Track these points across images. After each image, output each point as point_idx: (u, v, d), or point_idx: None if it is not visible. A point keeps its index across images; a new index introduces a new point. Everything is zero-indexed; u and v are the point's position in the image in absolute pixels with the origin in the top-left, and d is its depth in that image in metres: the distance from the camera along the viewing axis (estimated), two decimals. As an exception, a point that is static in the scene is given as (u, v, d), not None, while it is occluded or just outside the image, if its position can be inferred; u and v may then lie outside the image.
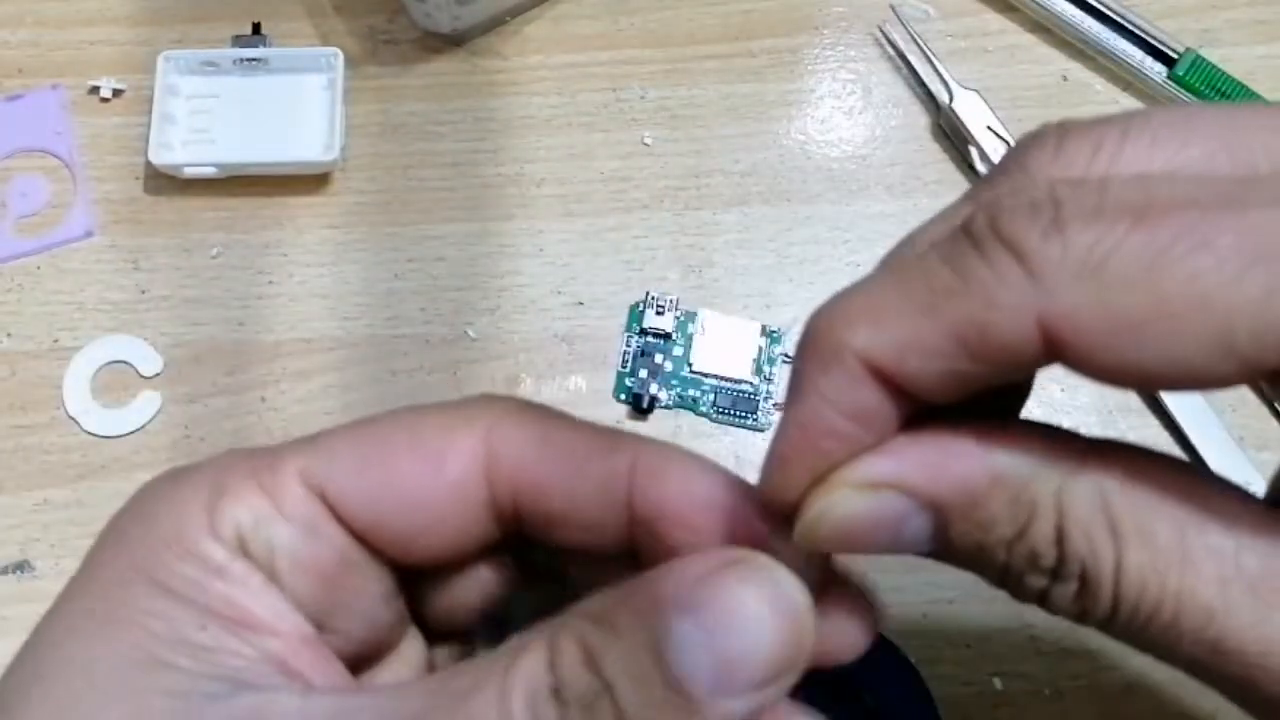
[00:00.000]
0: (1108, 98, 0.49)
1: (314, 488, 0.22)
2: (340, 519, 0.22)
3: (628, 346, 0.45)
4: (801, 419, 0.20)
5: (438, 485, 0.22)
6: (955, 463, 0.19)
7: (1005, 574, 0.20)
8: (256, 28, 0.48)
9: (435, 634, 0.26)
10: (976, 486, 0.19)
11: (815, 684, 0.37)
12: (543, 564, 0.25)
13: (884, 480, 0.20)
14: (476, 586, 0.25)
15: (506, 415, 0.23)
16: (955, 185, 0.47)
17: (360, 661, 0.24)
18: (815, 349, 0.20)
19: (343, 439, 0.22)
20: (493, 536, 0.23)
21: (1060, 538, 0.19)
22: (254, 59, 0.47)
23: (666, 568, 0.19)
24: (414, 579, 0.24)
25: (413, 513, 0.22)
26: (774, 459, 0.21)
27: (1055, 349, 0.18)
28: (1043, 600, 0.20)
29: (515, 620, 0.22)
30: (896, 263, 0.21)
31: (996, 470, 0.19)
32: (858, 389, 0.19)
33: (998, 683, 0.41)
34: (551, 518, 0.22)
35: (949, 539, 0.20)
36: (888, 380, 0.19)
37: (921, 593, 0.42)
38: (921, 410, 0.20)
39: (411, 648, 0.25)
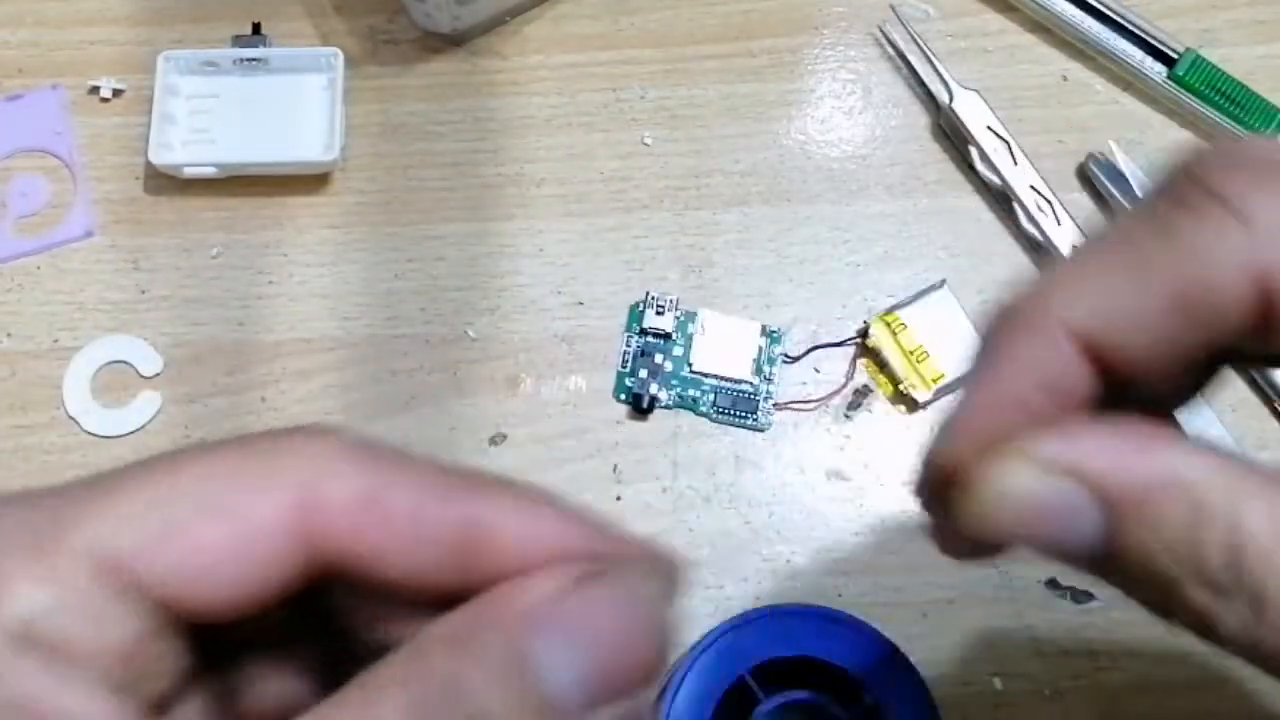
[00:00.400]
0: (1108, 98, 0.49)
1: (106, 563, 0.19)
2: (142, 589, 0.19)
3: (628, 346, 0.45)
4: (992, 386, 0.19)
5: (245, 558, 0.19)
6: (1137, 458, 0.18)
7: (1169, 591, 0.19)
8: (256, 28, 0.48)
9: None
10: (1155, 485, 0.18)
11: (817, 684, 0.37)
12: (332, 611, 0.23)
13: (1063, 463, 0.18)
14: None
15: (326, 468, 0.20)
16: (955, 185, 0.47)
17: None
18: (1017, 317, 0.18)
19: (137, 502, 0.19)
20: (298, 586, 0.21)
21: (1235, 554, 0.18)
22: (254, 59, 0.47)
23: (520, 583, 0.18)
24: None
25: (217, 586, 0.19)
26: (952, 425, 0.20)
27: (1272, 312, 0.17)
28: (1209, 626, 0.19)
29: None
30: (1097, 236, 0.20)
31: (1179, 471, 0.18)
32: (1058, 358, 0.18)
33: (998, 683, 0.41)
34: (387, 586, 0.20)
35: (1118, 543, 0.19)
36: (1091, 351, 0.18)
37: (921, 593, 0.42)
38: (1103, 401, 0.19)
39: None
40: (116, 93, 0.48)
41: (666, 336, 0.45)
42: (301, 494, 0.19)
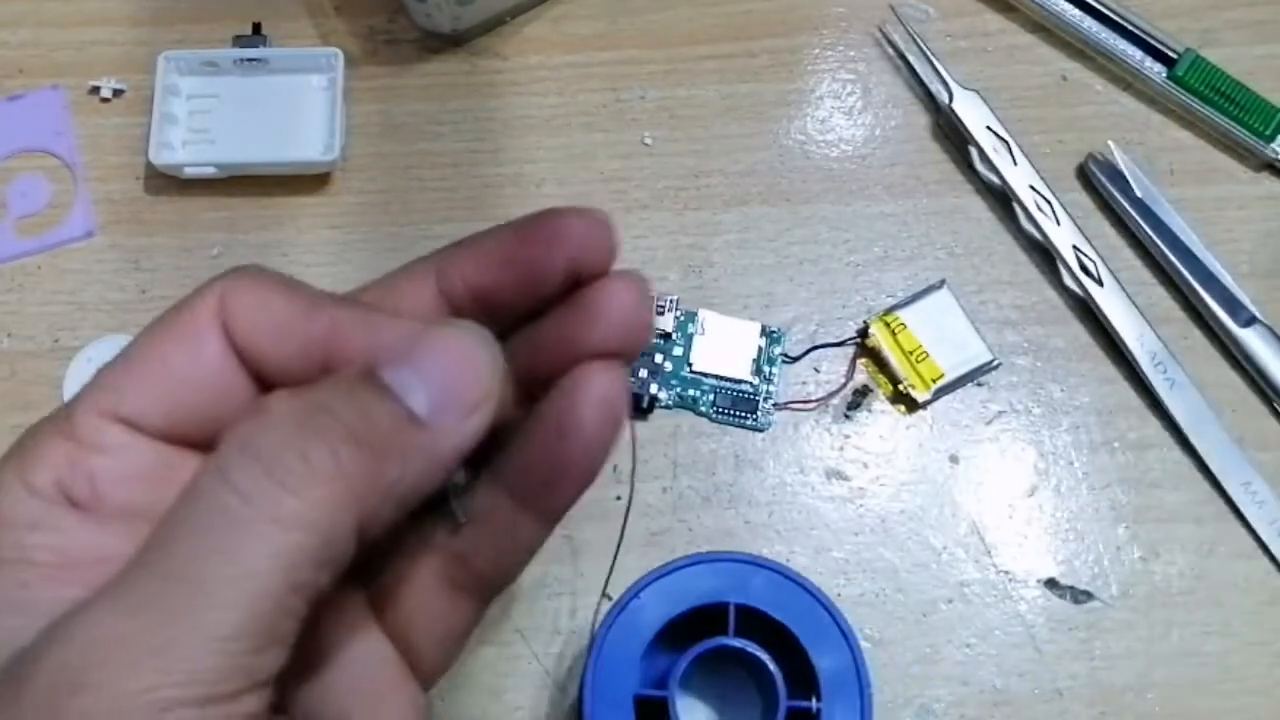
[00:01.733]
0: (1107, 98, 0.49)
1: (108, 414, 0.23)
2: (143, 429, 0.23)
3: (628, 346, 0.45)
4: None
5: (203, 360, 0.23)
6: None
7: None
8: (257, 28, 0.48)
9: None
10: None
11: (749, 633, 0.37)
12: None
13: None
14: None
15: (236, 281, 0.24)
16: (955, 185, 0.47)
17: None
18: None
19: (121, 361, 0.24)
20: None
21: None
22: (254, 59, 0.47)
23: (366, 352, 0.22)
24: None
25: (193, 395, 0.23)
26: None
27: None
28: None
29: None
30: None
31: None
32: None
33: (997, 682, 0.41)
34: (267, 374, 0.24)
35: None
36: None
37: (921, 593, 0.42)
38: None
39: None
40: (117, 93, 0.48)
41: (666, 336, 0.45)
42: (220, 303, 0.24)
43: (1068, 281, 0.46)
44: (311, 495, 0.20)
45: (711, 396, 0.44)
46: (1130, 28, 0.48)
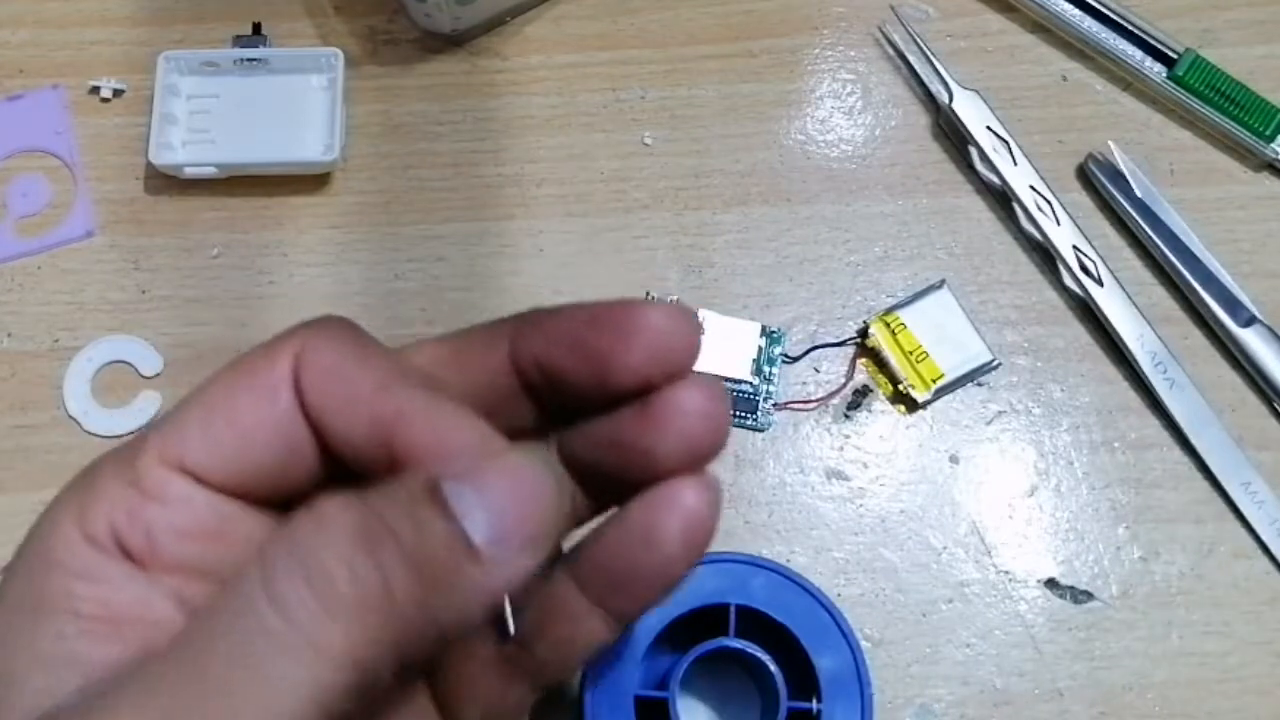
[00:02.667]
0: (1107, 97, 0.49)
1: (172, 462, 0.22)
2: (205, 482, 0.22)
3: (628, 346, 0.45)
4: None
5: (273, 415, 0.23)
6: None
7: None
8: (257, 28, 0.48)
9: None
10: None
11: (747, 634, 0.37)
12: None
13: None
14: None
15: (316, 338, 0.23)
16: (955, 185, 0.47)
17: None
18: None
19: (191, 407, 0.23)
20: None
21: None
22: (254, 59, 0.47)
23: (428, 461, 0.21)
24: None
25: (259, 451, 0.23)
26: None
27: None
28: None
29: None
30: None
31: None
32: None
33: (997, 682, 0.41)
34: (331, 446, 0.23)
35: None
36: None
37: (921, 593, 0.42)
38: None
39: None
40: (117, 93, 0.48)
41: (666, 336, 0.45)
42: (298, 356, 0.23)
43: (1068, 281, 0.46)
44: (355, 625, 0.19)
45: (711, 396, 0.44)
46: (1130, 27, 0.48)
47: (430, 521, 0.20)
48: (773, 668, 0.36)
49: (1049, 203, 0.45)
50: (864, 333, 0.45)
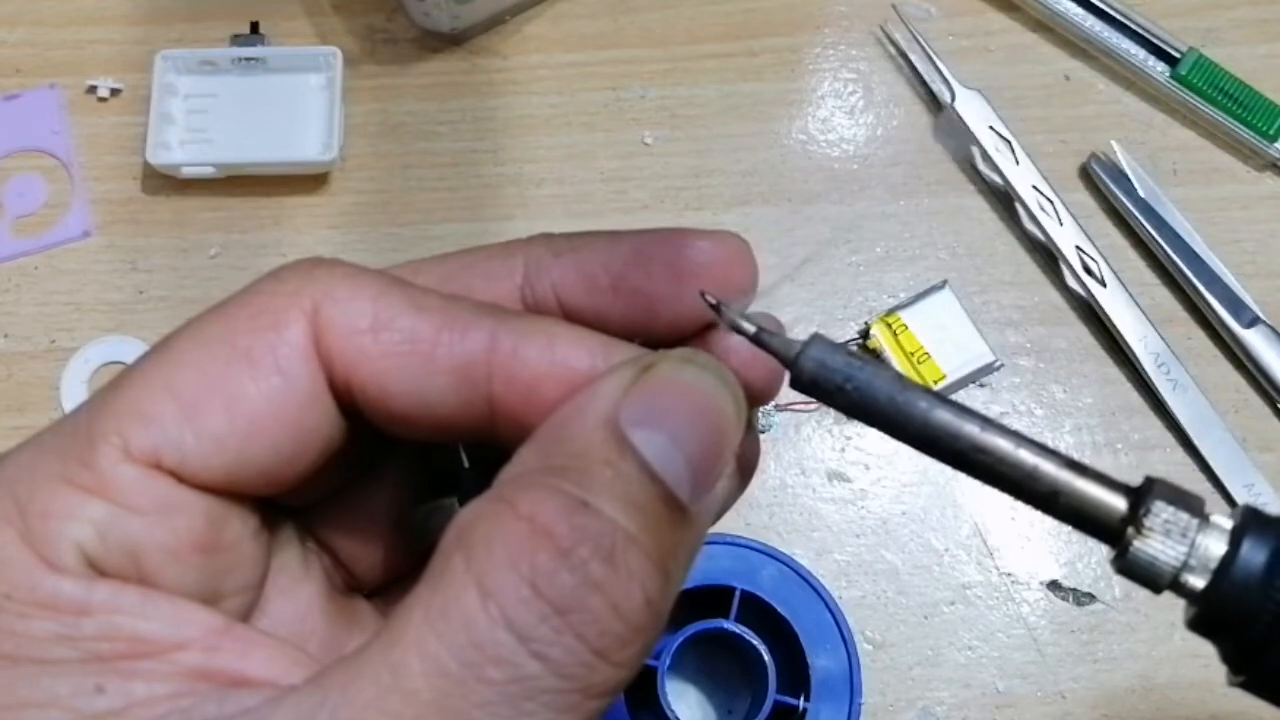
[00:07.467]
0: (1110, 97, 0.49)
1: (144, 459, 0.17)
2: (188, 481, 0.18)
3: (628, 347, 0.45)
4: None
5: (289, 399, 0.18)
6: None
7: None
8: (255, 27, 0.48)
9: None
10: None
11: (767, 636, 0.37)
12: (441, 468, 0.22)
13: None
14: (381, 507, 0.22)
15: (330, 293, 0.18)
16: (957, 185, 0.47)
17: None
18: None
19: (155, 390, 0.18)
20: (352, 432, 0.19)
21: None
22: (252, 58, 0.47)
23: (584, 393, 0.17)
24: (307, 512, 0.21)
25: (271, 443, 0.18)
26: None
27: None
28: None
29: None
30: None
31: None
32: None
33: (999, 684, 0.41)
34: (395, 417, 0.19)
35: None
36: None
37: (923, 594, 0.42)
38: None
39: (290, 557, 0.21)
40: (114, 92, 0.48)
41: (667, 337, 0.44)
42: (312, 319, 0.18)
43: (1070, 282, 0.45)
44: (626, 654, 0.16)
45: (712, 397, 0.44)
46: (1133, 27, 0.48)
47: (640, 489, 0.16)
48: (766, 658, 0.36)
49: (1051, 203, 0.45)
50: (865, 333, 0.45)
